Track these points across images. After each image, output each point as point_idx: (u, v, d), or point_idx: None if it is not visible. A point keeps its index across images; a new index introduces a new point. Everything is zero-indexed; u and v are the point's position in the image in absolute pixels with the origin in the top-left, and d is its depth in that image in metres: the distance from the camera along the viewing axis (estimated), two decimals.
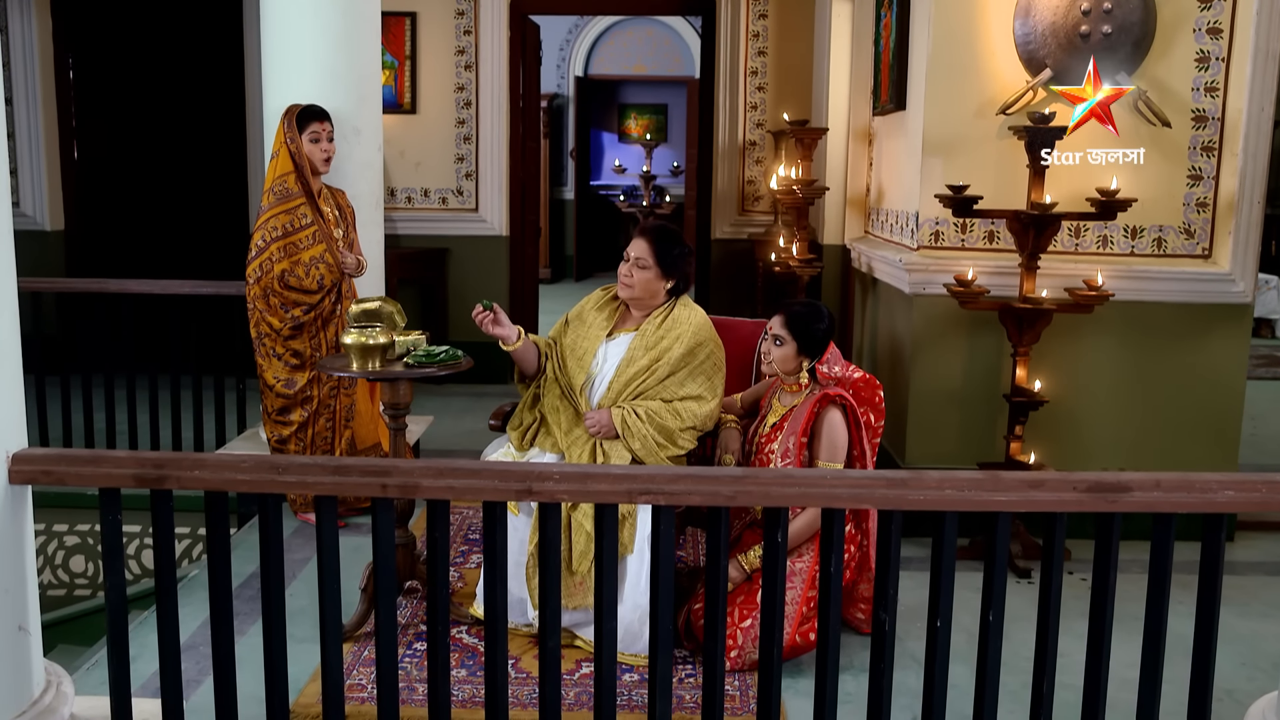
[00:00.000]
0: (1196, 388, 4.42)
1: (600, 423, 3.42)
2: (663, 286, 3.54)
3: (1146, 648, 2.10)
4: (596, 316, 3.64)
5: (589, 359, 3.54)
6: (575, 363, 3.55)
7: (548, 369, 3.60)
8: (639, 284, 3.52)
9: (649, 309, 3.58)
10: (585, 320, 3.64)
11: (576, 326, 3.64)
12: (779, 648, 2.11)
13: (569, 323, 3.67)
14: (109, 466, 2.03)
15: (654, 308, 3.57)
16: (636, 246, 3.52)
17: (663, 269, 3.51)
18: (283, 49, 4.60)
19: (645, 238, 3.53)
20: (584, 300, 3.75)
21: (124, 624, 2.14)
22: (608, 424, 3.41)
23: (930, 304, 4.42)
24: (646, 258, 3.50)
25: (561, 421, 3.51)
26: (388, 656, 2.14)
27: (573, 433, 3.48)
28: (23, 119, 7.12)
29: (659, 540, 2.05)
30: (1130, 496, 2.00)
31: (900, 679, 2.76)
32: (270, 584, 2.11)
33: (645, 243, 3.51)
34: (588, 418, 3.45)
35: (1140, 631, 2.14)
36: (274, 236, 4.26)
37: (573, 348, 3.58)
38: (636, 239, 3.54)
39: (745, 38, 7.25)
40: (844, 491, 2.02)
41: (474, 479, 2.03)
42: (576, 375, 3.53)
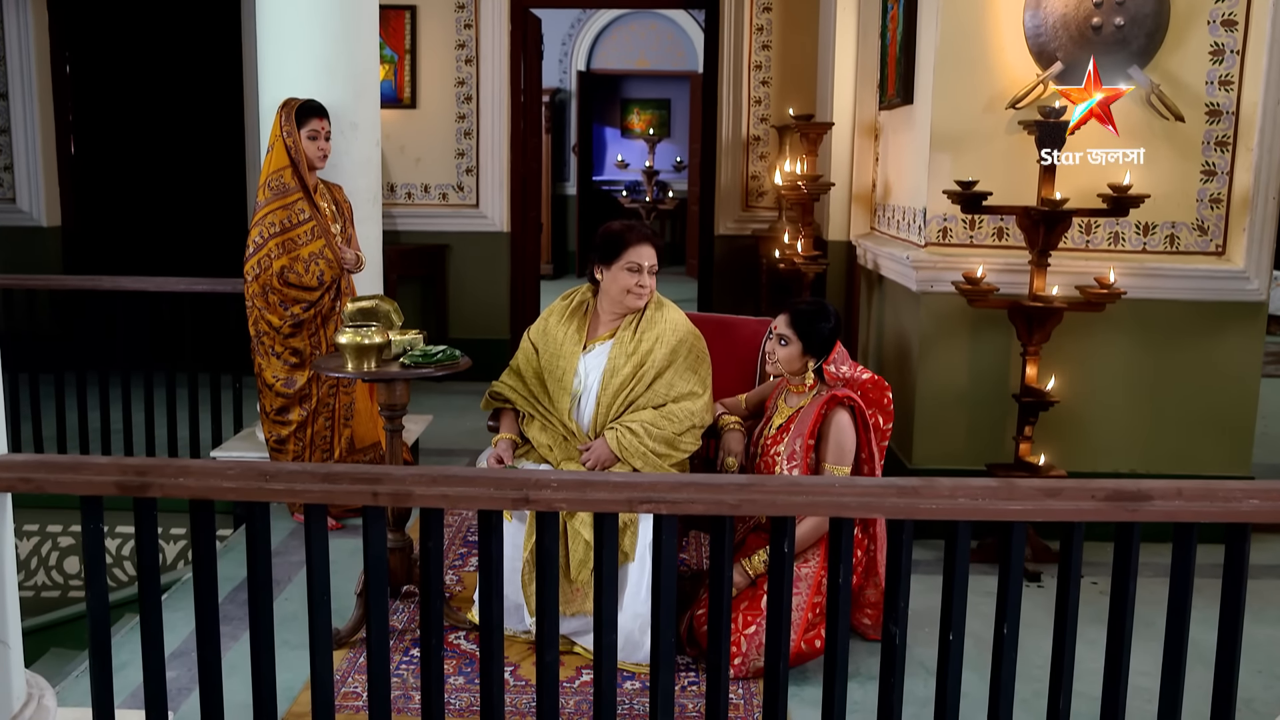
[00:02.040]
0: (1210, 387, 4.34)
1: (599, 458, 3.30)
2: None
3: (1167, 663, 2.02)
4: (565, 330, 3.50)
5: (569, 378, 3.42)
6: (556, 385, 3.42)
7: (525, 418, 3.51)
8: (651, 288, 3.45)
9: (629, 312, 3.46)
10: (554, 337, 3.49)
11: (547, 347, 3.49)
12: (785, 661, 2.04)
13: (537, 349, 3.51)
14: (90, 474, 1.96)
15: (624, 312, 3.46)
16: (644, 254, 3.39)
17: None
18: (278, 42, 4.52)
19: (651, 243, 3.43)
20: (545, 315, 3.59)
21: (107, 636, 2.06)
22: (607, 455, 3.30)
23: (938, 302, 4.33)
24: (656, 262, 3.43)
25: (558, 460, 3.38)
26: (380, 669, 2.07)
27: (570, 464, 3.37)
28: (19, 114, 7.04)
29: (661, 551, 1.98)
30: (1151, 505, 1.92)
31: (908, 687, 2.67)
32: (258, 595, 2.03)
33: (652, 249, 3.42)
34: (584, 458, 3.33)
35: (1154, 638, 2.06)
36: (272, 232, 4.18)
37: (550, 370, 3.44)
38: (644, 245, 3.41)
39: (749, 31, 7.17)
40: (853, 500, 1.94)
41: (468, 487, 1.96)
42: (560, 399, 3.41)
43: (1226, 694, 2.00)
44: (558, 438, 3.41)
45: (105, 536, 4.73)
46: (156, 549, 2.04)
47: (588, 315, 3.53)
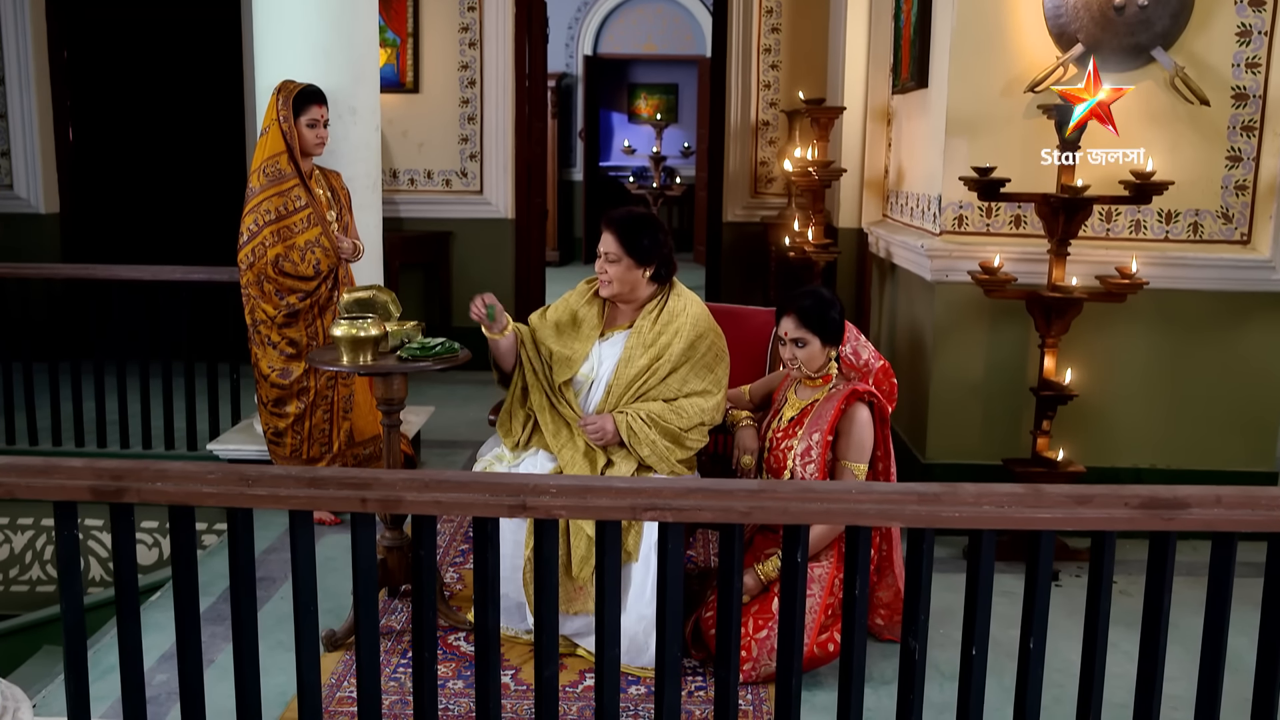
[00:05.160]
0: (1233, 380, 4.21)
1: (604, 430, 3.20)
2: (641, 277, 3.28)
3: (1203, 679, 1.90)
4: (587, 312, 3.39)
5: (579, 360, 3.31)
6: (562, 364, 3.31)
7: (527, 370, 3.35)
8: (615, 279, 3.26)
9: (638, 302, 3.34)
10: (577, 315, 3.39)
11: (568, 329, 3.37)
12: (798, 677, 1.92)
13: (560, 329, 3.38)
14: (62, 478, 1.85)
15: (643, 301, 3.34)
16: (604, 241, 3.25)
17: (635, 258, 3.24)
18: (276, 25, 4.39)
19: (610, 229, 3.26)
20: (568, 296, 3.47)
21: (83, 646, 1.96)
22: (611, 432, 3.19)
23: (953, 292, 4.21)
24: (614, 250, 3.24)
25: (548, 422, 3.30)
26: (370, 679, 1.96)
27: (560, 435, 3.28)
28: (16, 100, 6.92)
29: (666, 560, 1.86)
30: (1188, 514, 1.80)
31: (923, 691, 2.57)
32: (240, 606, 1.92)
33: (610, 234, 3.25)
34: (586, 424, 3.22)
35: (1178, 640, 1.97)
36: (267, 220, 4.06)
37: (562, 350, 3.33)
38: (603, 231, 3.26)
39: (758, 14, 7.03)
40: (870, 508, 1.83)
41: (462, 492, 1.84)
42: (561, 373, 3.30)
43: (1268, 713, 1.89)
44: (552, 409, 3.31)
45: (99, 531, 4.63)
46: (134, 557, 1.94)
47: (606, 304, 3.41)
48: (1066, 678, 2.90)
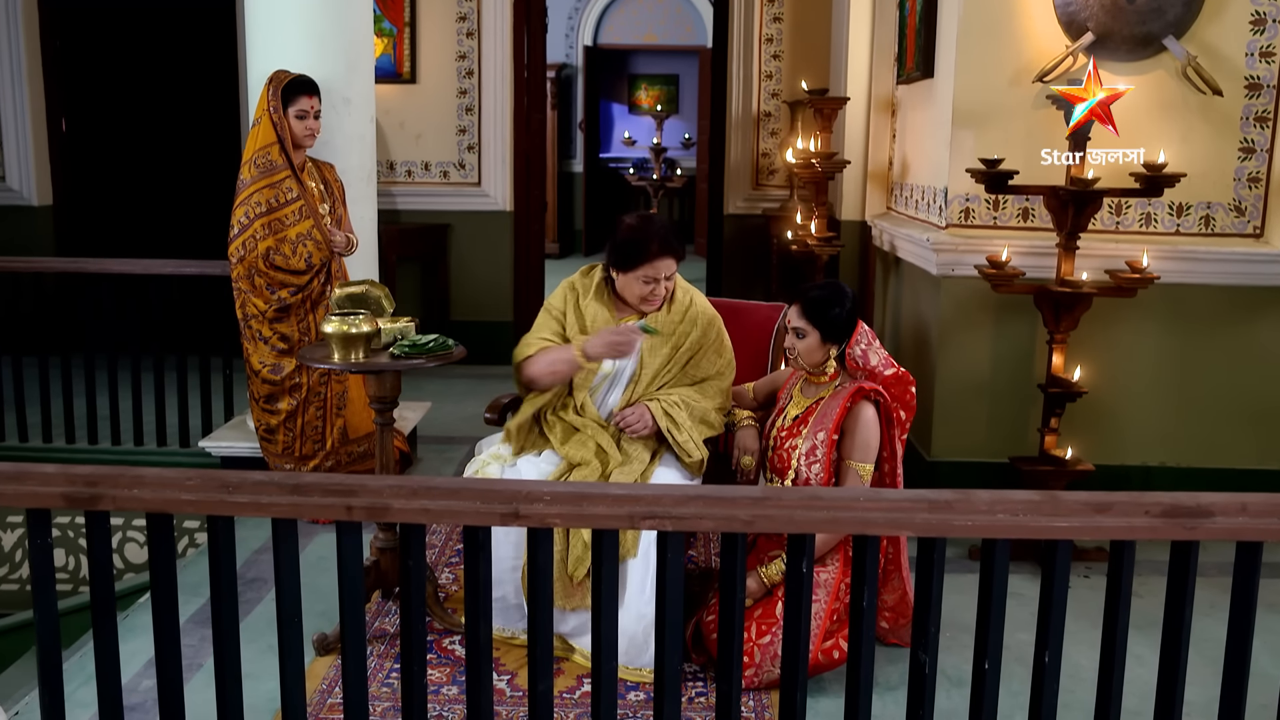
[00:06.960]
0: (1245, 377, 4.14)
1: (645, 420, 3.16)
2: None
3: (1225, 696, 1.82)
4: (597, 309, 3.32)
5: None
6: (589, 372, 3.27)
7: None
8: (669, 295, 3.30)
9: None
10: (588, 314, 3.31)
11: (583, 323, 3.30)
12: (804, 691, 1.84)
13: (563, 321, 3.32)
14: (34, 484, 1.76)
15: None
16: (666, 266, 3.19)
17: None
18: (268, 13, 4.30)
19: (673, 254, 3.21)
20: (567, 289, 3.38)
21: (57, 659, 1.88)
22: (650, 422, 3.17)
23: (959, 286, 4.12)
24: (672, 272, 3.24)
25: (554, 426, 3.26)
26: (356, 692, 1.88)
27: (570, 438, 3.23)
28: (8, 91, 6.82)
29: (666, 569, 1.78)
30: (1212, 522, 1.72)
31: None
32: (221, 616, 1.85)
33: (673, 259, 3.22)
34: (624, 417, 3.18)
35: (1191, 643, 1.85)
36: (258, 213, 3.98)
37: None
38: (666, 258, 3.19)
39: (760, 3, 6.93)
40: (879, 516, 1.74)
41: (452, 500, 1.76)
42: (586, 375, 3.26)
43: None
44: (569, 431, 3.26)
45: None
46: (110, 567, 1.86)
47: (611, 296, 3.35)
48: (1075, 682, 2.83)
